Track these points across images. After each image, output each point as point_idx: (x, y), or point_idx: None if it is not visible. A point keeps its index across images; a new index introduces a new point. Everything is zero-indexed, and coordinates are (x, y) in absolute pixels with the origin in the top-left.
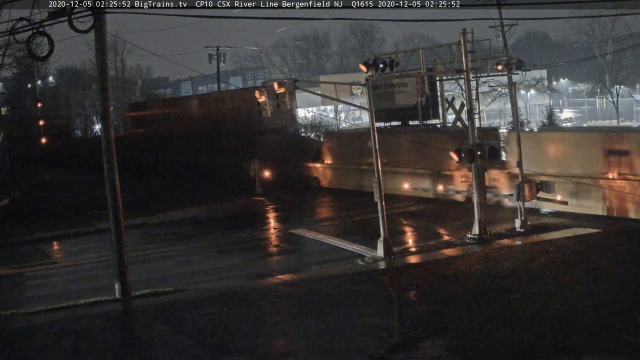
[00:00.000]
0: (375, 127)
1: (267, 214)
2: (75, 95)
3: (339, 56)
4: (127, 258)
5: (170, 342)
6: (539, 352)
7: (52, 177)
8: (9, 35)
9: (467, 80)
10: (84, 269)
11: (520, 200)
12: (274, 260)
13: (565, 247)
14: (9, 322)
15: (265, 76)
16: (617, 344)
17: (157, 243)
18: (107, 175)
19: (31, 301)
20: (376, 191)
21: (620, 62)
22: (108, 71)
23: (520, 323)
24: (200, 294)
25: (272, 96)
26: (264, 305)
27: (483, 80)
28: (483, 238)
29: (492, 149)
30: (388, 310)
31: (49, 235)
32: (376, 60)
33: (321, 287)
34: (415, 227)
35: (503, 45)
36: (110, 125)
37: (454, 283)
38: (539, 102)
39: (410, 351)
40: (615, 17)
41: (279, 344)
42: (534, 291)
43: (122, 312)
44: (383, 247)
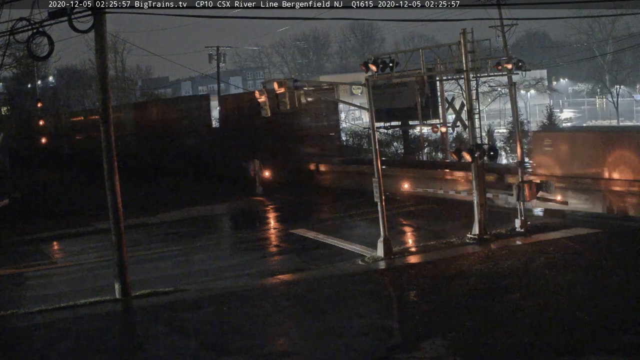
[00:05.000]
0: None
1: (267, 213)
2: (75, 95)
3: (339, 56)
4: (127, 258)
5: (170, 342)
6: (539, 352)
7: (52, 177)
8: (9, 35)
9: (467, 80)
10: (84, 269)
11: (520, 200)
12: (274, 260)
13: (565, 247)
14: (9, 322)
15: (265, 76)
16: (617, 344)
17: (157, 243)
18: (107, 175)
19: (31, 301)
20: (376, 191)
21: (620, 62)
22: (108, 71)
23: (520, 323)
24: (200, 294)
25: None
26: (264, 305)
27: (483, 80)
28: (483, 238)
29: (492, 149)
30: (388, 310)
31: (49, 235)
32: (376, 60)
33: (321, 287)
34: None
35: (503, 45)
36: (110, 125)
37: (454, 283)
38: (539, 102)
39: (410, 351)
40: (615, 17)
41: (279, 344)
42: (534, 291)
43: (122, 312)
44: (383, 247)
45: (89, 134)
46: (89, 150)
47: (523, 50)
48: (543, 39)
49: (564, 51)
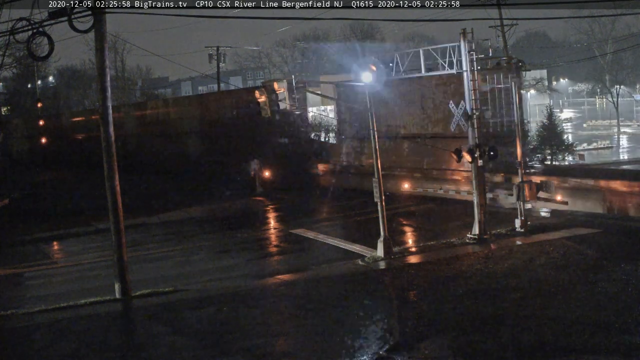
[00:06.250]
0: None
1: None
2: (75, 95)
3: (339, 56)
4: (127, 258)
5: (170, 342)
6: (539, 352)
7: (52, 176)
8: (9, 35)
9: (467, 80)
10: (84, 269)
11: (520, 200)
12: (274, 260)
13: (565, 247)
14: (9, 322)
15: (265, 76)
16: (617, 344)
17: (157, 243)
18: (107, 175)
19: (31, 301)
20: (376, 191)
21: (620, 62)
22: (108, 71)
23: (520, 323)
24: (200, 294)
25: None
26: (264, 305)
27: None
28: (483, 238)
29: (492, 149)
30: (388, 310)
31: (49, 235)
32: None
33: (321, 287)
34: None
35: (503, 45)
36: (110, 125)
37: (454, 283)
38: (539, 102)
39: (410, 351)
40: (615, 17)
41: (279, 344)
42: (534, 291)
43: (122, 312)
44: (383, 247)
45: (90, 134)
46: (90, 150)
47: (523, 50)
48: (543, 39)
49: (564, 51)
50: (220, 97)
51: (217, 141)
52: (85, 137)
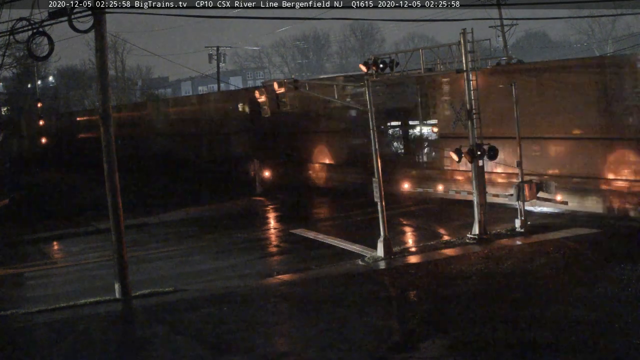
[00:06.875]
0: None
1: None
2: (75, 95)
3: (339, 56)
4: (127, 258)
5: (170, 342)
6: (539, 352)
7: (52, 176)
8: (9, 35)
9: (467, 80)
10: (84, 269)
11: (520, 200)
12: (274, 260)
13: (565, 247)
14: (9, 322)
15: (265, 76)
16: (617, 344)
17: (157, 243)
18: (107, 175)
19: (31, 301)
20: (376, 191)
21: None
22: (108, 71)
23: (521, 323)
24: (200, 294)
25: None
26: (264, 305)
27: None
28: (483, 238)
29: (492, 149)
30: (388, 310)
31: (49, 235)
32: (376, 60)
33: (321, 287)
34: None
35: (503, 45)
36: (110, 125)
37: (454, 283)
38: None
39: (410, 351)
40: (615, 17)
41: (279, 344)
42: (534, 291)
43: (122, 312)
44: (383, 247)
45: (90, 134)
46: (92, 150)
47: (523, 50)
48: (543, 39)
49: (564, 51)
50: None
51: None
52: (85, 137)
